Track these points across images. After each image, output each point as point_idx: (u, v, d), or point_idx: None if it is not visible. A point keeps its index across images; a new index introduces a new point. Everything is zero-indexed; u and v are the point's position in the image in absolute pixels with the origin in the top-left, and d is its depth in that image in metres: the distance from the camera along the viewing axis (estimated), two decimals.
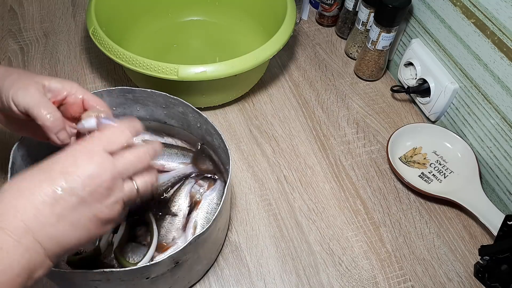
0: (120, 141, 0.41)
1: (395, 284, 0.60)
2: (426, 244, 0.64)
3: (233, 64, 0.66)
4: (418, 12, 0.78)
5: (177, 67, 0.65)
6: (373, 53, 0.81)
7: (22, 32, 0.89)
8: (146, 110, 0.63)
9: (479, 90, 0.68)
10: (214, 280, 0.59)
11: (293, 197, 0.68)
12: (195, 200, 0.61)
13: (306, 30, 0.95)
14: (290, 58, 0.89)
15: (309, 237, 0.64)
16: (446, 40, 0.73)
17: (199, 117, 0.59)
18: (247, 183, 0.69)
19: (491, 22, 0.63)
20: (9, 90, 0.45)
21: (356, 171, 0.72)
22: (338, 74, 0.87)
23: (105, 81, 0.82)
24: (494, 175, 0.69)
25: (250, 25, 0.89)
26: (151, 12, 0.88)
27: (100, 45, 0.69)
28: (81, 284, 0.47)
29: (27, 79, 0.46)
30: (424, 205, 0.69)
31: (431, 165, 0.72)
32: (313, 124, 0.78)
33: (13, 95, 0.45)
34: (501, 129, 0.66)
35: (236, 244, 0.62)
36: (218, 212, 0.49)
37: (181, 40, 0.89)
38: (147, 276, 0.47)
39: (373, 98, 0.83)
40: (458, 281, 0.61)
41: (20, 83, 0.45)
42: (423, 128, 0.76)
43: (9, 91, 0.45)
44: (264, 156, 0.73)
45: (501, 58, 0.63)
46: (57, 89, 0.47)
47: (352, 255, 0.63)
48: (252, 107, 0.80)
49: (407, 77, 0.82)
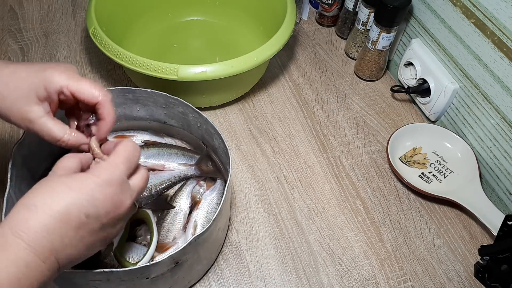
0: (136, 162, 0.43)
1: (395, 284, 0.60)
2: (426, 244, 0.65)
3: (233, 64, 0.66)
4: (418, 12, 0.78)
5: (177, 67, 0.65)
6: (373, 53, 0.81)
7: (22, 32, 0.89)
8: (146, 110, 0.63)
9: (479, 90, 0.68)
10: (214, 280, 0.59)
11: (293, 197, 0.68)
12: (195, 200, 0.61)
13: (306, 30, 0.95)
14: (290, 58, 0.89)
15: (309, 237, 0.64)
16: (446, 40, 0.73)
17: (199, 117, 0.59)
18: (247, 183, 0.69)
19: (491, 22, 0.63)
20: (8, 115, 0.43)
21: (356, 171, 0.72)
22: (338, 74, 0.87)
23: (105, 81, 0.82)
24: (494, 175, 0.69)
25: (250, 25, 0.89)
26: (151, 12, 0.88)
27: (100, 45, 0.69)
28: (81, 284, 0.47)
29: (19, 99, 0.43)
30: (424, 205, 0.69)
31: (431, 165, 0.72)
32: (313, 124, 0.78)
33: (16, 123, 0.44)
34: (501, 129, 0.66)
35: (236, 244, 0.62)
36: (218, 212, 0.49)
37: (181, 40, 0.89)
38: (147, 276, 0.47)
39: (373, 98, 0.83)
40: (458, 281, 0.61)
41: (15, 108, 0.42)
42: (423, 128, 0.76)
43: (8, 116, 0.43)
44: (264, 156, 0.73)
45: (501, 58, 0.63)
46: (48, 97, 0.44)
47: (352, 255, 0.63)
48: (252, 107, 0.80)
49: (407, 77, 0.82)
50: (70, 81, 0.44)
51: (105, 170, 0.40)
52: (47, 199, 0.36)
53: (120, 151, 0.42)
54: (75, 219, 0.36)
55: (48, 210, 0.36)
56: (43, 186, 0.38)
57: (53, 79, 0.43)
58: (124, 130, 0.66)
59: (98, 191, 0.38)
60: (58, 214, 0.36)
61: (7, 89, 0.43)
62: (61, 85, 0.43)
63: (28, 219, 0.35)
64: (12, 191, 0.50)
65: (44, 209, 0.36)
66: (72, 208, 0.36)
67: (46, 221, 0.35)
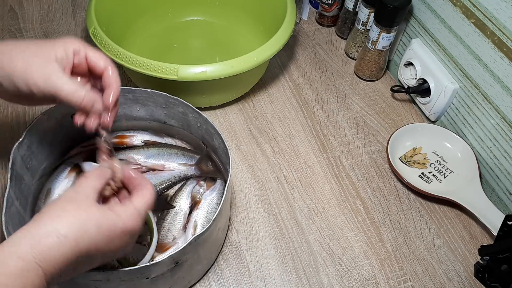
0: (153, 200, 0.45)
1: (395, 284, 0.60)
2: (426, 244, 0.65)
3: (233, 64, 0.66)
4: (418, 12, 0.78)
5: (177, 67, 0.65)
6: (373, 53, 0.81)
7: (22, 32, 0.89)
8: (146, 110, 0.63)
9: (479, 90, 0.68)
10: (214, 280, 0.59)
11: (293, 197, 0.68)
12: (195, 200, 0.61)
13: (306, 30, 0.95)
14: (290, 58, 0.89)
15: (309, 237, 0.64)
16: (446, 40, 0.73)
17: (199, 117, 0.59)
18: (247, 183, 0.69)
19: (491, 22, 0.63)
20: (26, 75, 0.44)
21: (356, 171, 0.72)
22: (338, 74, 0.87)
23: None
24: (494, 175, 0.69)
25: (250, 25, 0.89)
26: (151, 12, 0.88)
27: (100, 45, 0.69)
28: (81, 284, 0.47)
29: (38, 56, 0.45)
30: (424, 205, 0.69)
31: (431, 165, 0.72)
32: (313, 124, 0.78)
33: (34, 82, 0.44)
34: (501, 129, 0.66)
35: (236, 244, 0.62)
36: (218, 212, 0.49)
37: (181, 40, 0.89)
38: (147, 276, 0.47)
39: (373, 98, 0.83)
40: (458, 281, 0.61)
41: (35, 65, 0.44)
42: (423, 128, 0.76)
43: (26, 77, 0.44)
44: (264, 156, 0.73)
45: (501, 58, 0.63)
46: (66, 56, 0.47)
47: (352, 255, 0.63)
48: (252, 107, 0.80)
49: (407, 77, 0.82)
50: (87, 47, 0.49)
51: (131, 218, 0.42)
52: (76, 233, 0.37)
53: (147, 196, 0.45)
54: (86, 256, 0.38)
55: (74, 245, 0.37)
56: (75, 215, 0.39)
57: (73, 41, 0.48)
58: (124, 130, 0.66)
59: (119, 238, 0.41)
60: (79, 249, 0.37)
61: (28, 50, 0.45)
62: (79, 47, 0.48)
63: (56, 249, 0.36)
64: (12, 191, 0.50)
65: (71, 243, 0.37)
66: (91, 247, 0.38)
67: (68, 255, 0.37)
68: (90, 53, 0.48)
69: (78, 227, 0.38)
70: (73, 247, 0.37)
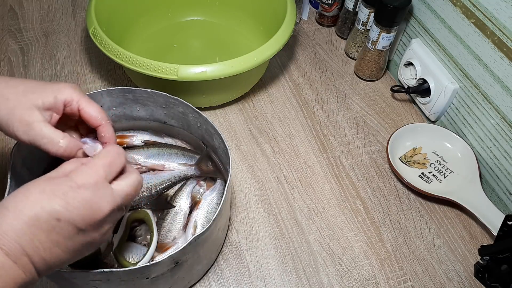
0: (119, 167, 0.42)
1: (395, 284, 0.60)
2: (426, 244, 0.65)
3: (233, 64, 0.66)
4: (418, 12, 0.78)
5: (177, 67, 0.65)
6: (373, 53, 0.81)
7: (22, 32, 0.89)
8: (146, 110, 0.63)
9: (479, 90, 0.68)
10: (214, 280, 0.59)
11: (293, 197, 0.68)
12: (195, 200, 0.61)
13: (306, 30, 0.95)
14: (290, 58, 0.89)
15: (309, 237, 0.64)
16: (446, 40, 0.73)
17: (199, 117, 0.59)
18: (247, 183, 0.69)
19: (491, 22, 0.63)
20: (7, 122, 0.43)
21: (356, 171, 0.72)
22: (338, 74, 0.87)
23: (105, 81, 0.82)
24: (494, 175, 0.69)
25: (250, 25, 0.89)
26: (151, 12, 0.88)
27: (100, 45, 0.69)
28: (81, 284, 0.47)
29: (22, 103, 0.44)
30: (424, 205, 0.69)
31: (431, 165, 0.72)
32: (313, 124, 0.78)
33: (14, 130, 0.44)
34: (501, 129, 0.66)
35: (236, 244, 0.62)
36: (218, 212, 0.49)
37: (181, 40, 0.89)
38: (147, 276, 0.47)
39: (373, 98, 0.83)
40: (458, 281, 0.61)
41: (18, 113, 0.43)
42: (423, 128, 0.76)
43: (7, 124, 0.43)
44: (264, 156, 0.73)
45: (501, 58, 0.63)
46: (54, 105, 0.45)
47: (352, 255, 0.63)
48: (252, 107, 0.80)
49: (407, 77, 0.82)
50: (82, 98, 0.46)
51: (82, 174, 0.39)
52: (18, 203, 0.36)
53: (102, 155, 0.41)
54: (45, 223, 0.36)
55: (19, 213, 0.36)
56: (20, 189, 0.38)
57: (66, 90, 0.46)
58: (124, 130, 0.66)
59: (72, 196, 0.37)
60: (27, 218, 0.36)
61: (14, 92, 0.44)
62: (72, 97, 0.46)
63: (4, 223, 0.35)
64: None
65: (15, 212, 0.36)
66: (41, 212, 0.36)
67: (16, 224, 0.35)
68: (85, 106, 0.46)
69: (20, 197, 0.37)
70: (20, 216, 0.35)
